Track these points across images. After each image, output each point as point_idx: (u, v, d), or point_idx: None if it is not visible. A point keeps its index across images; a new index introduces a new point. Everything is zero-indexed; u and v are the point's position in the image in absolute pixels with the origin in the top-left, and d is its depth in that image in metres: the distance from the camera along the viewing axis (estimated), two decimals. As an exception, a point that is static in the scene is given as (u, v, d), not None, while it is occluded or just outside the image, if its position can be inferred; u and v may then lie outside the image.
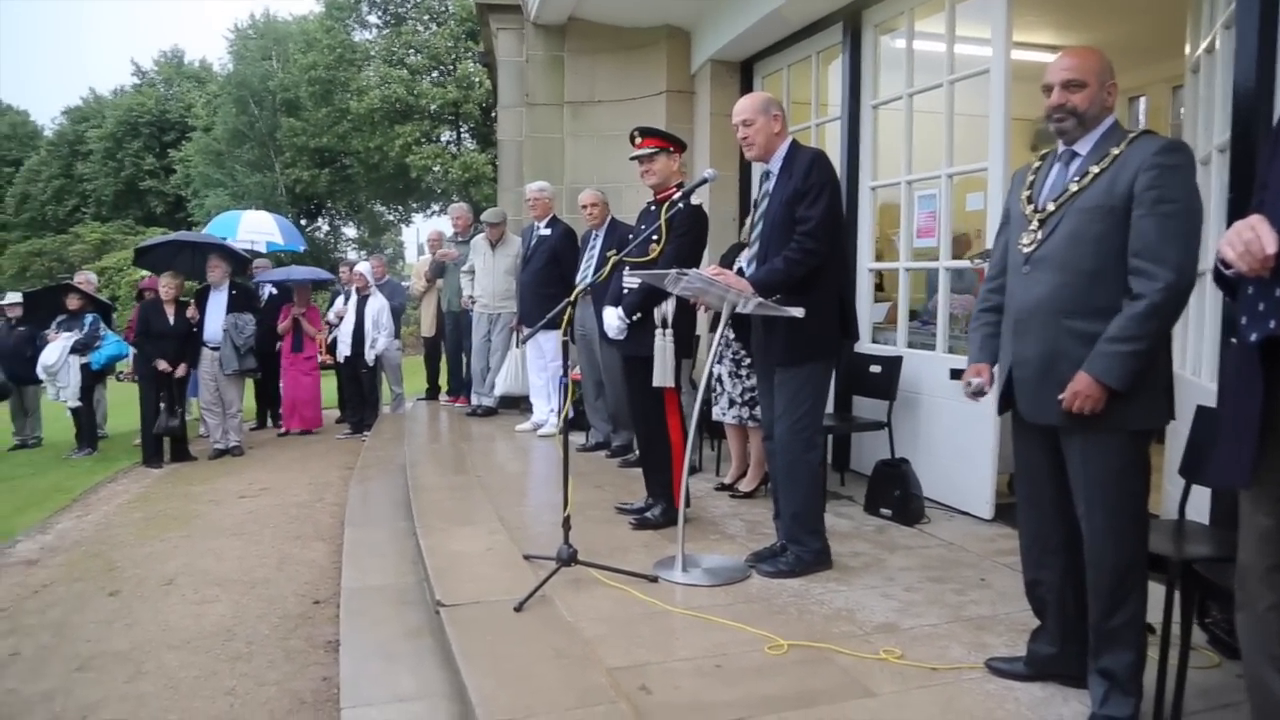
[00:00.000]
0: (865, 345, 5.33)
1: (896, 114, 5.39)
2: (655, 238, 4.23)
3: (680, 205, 4.19)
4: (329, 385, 10.16)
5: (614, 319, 4.38)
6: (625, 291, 4.40)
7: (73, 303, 9.12)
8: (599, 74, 8.02)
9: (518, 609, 3.30)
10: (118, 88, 42.91)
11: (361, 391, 9.36)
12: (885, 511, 4.58)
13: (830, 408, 4.93)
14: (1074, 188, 2.44)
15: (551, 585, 3.48)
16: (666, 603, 3.39)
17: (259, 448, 8.93)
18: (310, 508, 6.45)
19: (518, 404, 7.80)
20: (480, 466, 6.12)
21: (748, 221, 4.41)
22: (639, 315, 4.30)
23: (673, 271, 3.61)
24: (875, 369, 5.08)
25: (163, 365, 8.04)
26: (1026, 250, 2.51)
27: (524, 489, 5.78)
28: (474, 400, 8.19)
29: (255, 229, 10.78)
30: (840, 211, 3.75)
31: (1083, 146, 2.49)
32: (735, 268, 4.53)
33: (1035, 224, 2.51)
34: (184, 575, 5.04)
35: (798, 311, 3.38)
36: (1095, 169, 2.41)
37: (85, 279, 10.16)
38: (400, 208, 31.80)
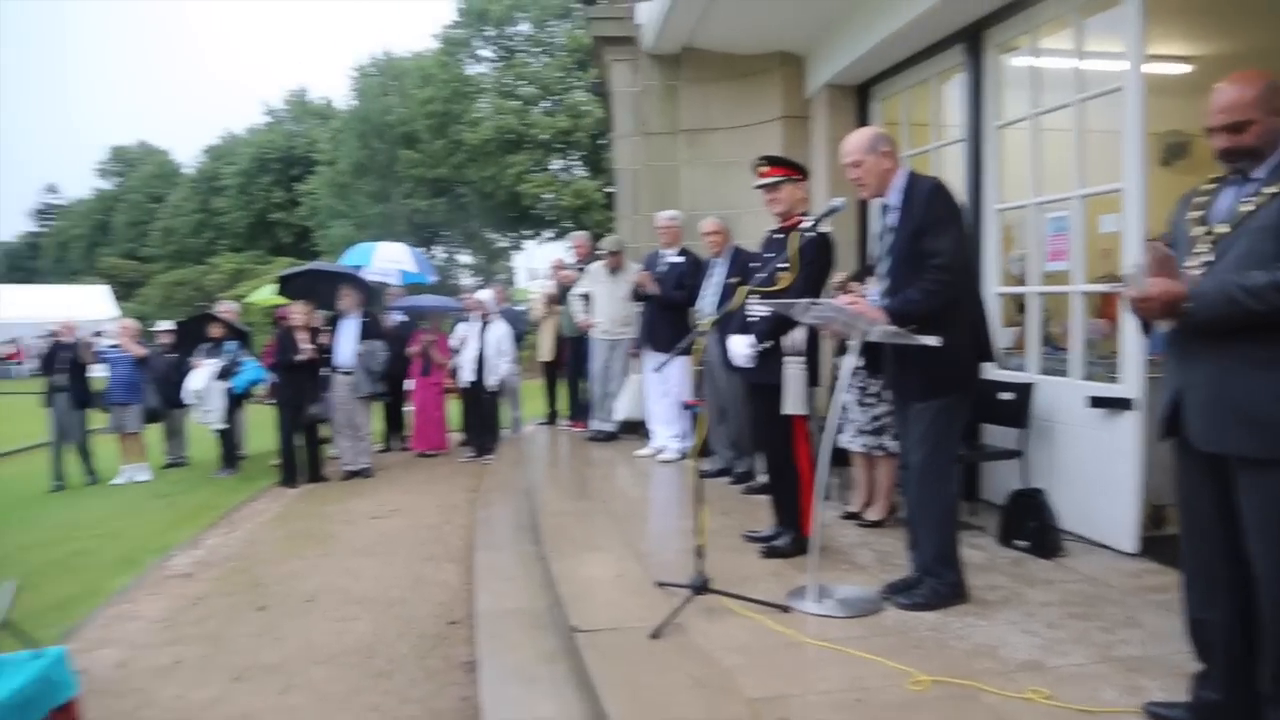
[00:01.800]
0: (994, 372, 5.22)
1: (1022, 134, 5.29)
2: (784, 266, 4.25)
3: (809, 234, 4.20)
4: (453, 409, 10.50)
5: (743, 347, 4.41)
6: (751, 320, 4.43)
7: (215, 331, 9.69)
8: (713, 102, 8.10)
9: (653, 636, 3.36)
10: (250, 126, 45.41)
11: (484, 416, 9.62)
12: (1021, 543, 4.46)
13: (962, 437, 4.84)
14: (1250, 208, 2.36)
15: (685, 613, 3.53)
16: (801, 633, 3.39)
17: (387, 470, 9.27)
18: (439, 529, 6.67)
19: (637, 429, 7.90)
20: (603, 492, 6.22)
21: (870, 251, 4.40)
22: (769, 343, 4.33)
23: (804, 301, 3.63)
24: (1006, 396, 4.97)
25: (302, 352, 8.47)
26: (1197, 273, 2.42)
27: (648, 515, 5.86)
28: (593, 425, 8.33)
29: (389, 258, 11.22)
30: (966, 240, 3.72)
31: (1259, 172, 2.41)
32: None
33: (1206, 246, 2.43)
34: (324, 593, 5.29)
35: (934, 340, 3.36)
36: (1272, 190, 2.33)
37: (228, 308, 10.78)
38: (513, 235, 32.56)
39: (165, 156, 58.62)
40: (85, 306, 26.17)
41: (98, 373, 10.27)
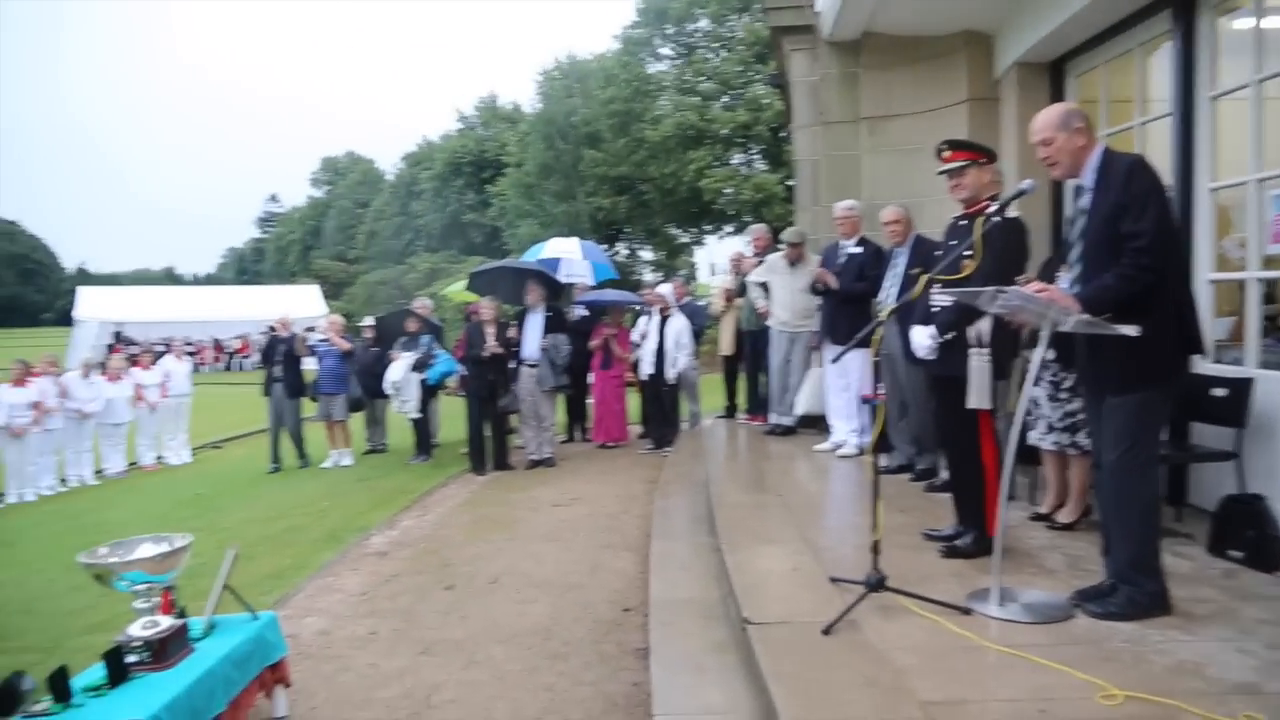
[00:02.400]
0: (1205, 366, 4.80)
1: (1240, 105, 4.81)
2: (969, 253, 4.05)
3: (996, 219, 4.00)
4: (633, 402, 10.69)
5: (924, 338, 4.25)
6: (935, 310, 4.27)
7: (412, 325, 10.27)
8: (895, 87, 7.85)
9: (826, 632, 3.30)
10: (445, 133, 47.89)
11: (663, 409, 9.73)
12: (1235, 553, 4.08)
13: (1163, 435, 4.47)
14: None
15: (859, 610, 3.44)
16: (981, 637, 3.24)
17: (569, 460, 9.55)
18: (618, 518, 6.81)
19: (815, 424, 7.77)
20: (780, 485, 6.16)
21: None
22: (952, 334, 4.15)
23: (989, 289, 3.45)
24: (1219, 392, 4.55)
25: (487, 350, 8.86)
26: None
27: (825, 510, 5.76)
28: (772, 419, 8.26)
29: (560, 250, 11.57)
30: (1171, 220, 3.42)
31: None
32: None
33: None
34: (507, 575, 5.51)
35: (1132, 330, 3.12)
36: None
37: (423, 304, 11.40)
38: (694, 230, 32.75)
39: (370, 165, 62.82)
40: (299, 305, 28.39)
41: (309, 365, 11.10)
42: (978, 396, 3.97)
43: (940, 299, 4.22)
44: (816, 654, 3.17)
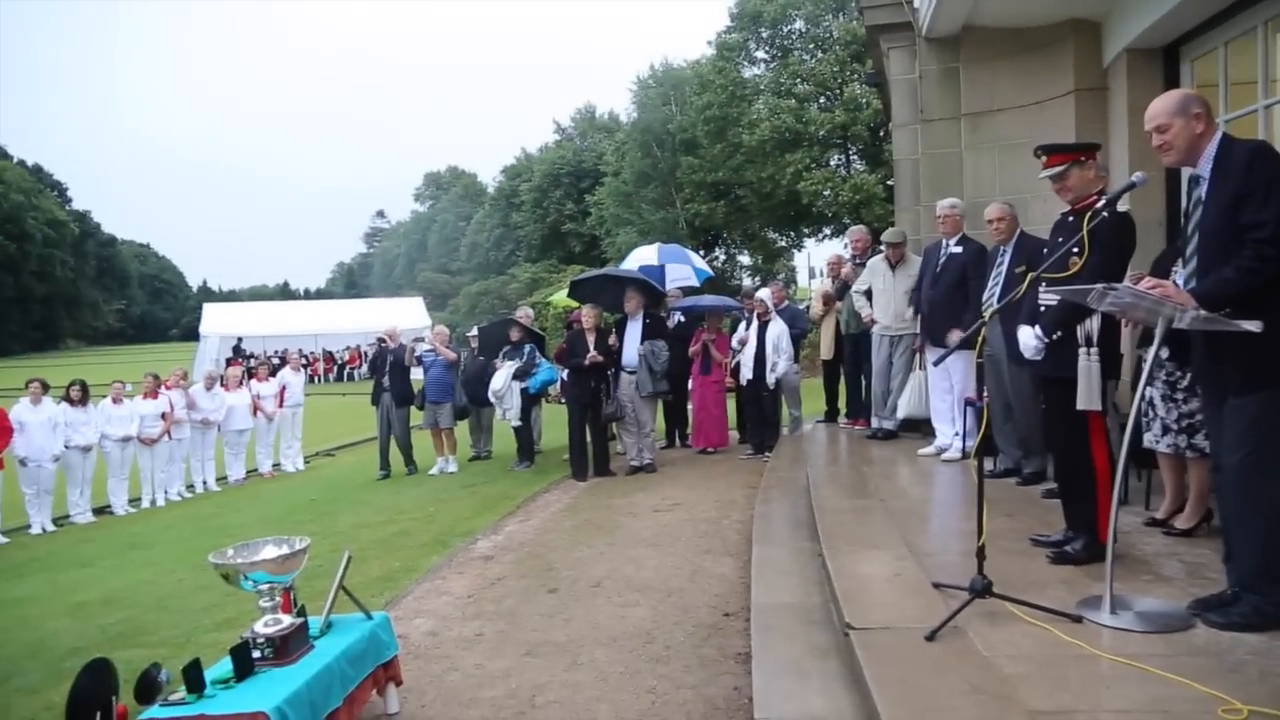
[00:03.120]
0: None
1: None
2: (1076, 250, 3.91)
3: (1104, 214, 3.86)
4: (732, 407, 10.67)
5: (1031, 338, 4.14)
6: (1042, 309, 4.15)
7: (514, 334, 10.47)
8: (998, 81, 7.65)
9: (929, 638, 3.24)
10: (543, 145, 48.83)
11: (763, 413, 9.68)
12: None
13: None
14: None
15: (964, 616, 3.36)
16: (1093, 646, 3.13)
17: (669, 465, 9.58)
18: (718, 524, 6.80)
19: (918, 427, 7.62)
20: (883, 490, 6.07)
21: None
22: (1059, 334, 4.03)
23: (1098, 286, 3.34)
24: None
25: (588, 359, 8.97)
26: None
27: (929, 515, 5.65)
28: (874, 423, 8.14)
29: (639, 260, 11.71)
30: None
31: None
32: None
33: None
34: (609, 579, 5.57)
35: (1255, 325, 2.97)
36: None
37: (525, 314, 11.62)
38: (792, 233, 32.51)
39: (471, 179, 64.42)
40: (405, 316, 29.27)
41: (416, 375, 11.43)
42: (1087, 397, 3.85)
43: (1048, 298, 4.10)
44: (920, 660, 3.11)
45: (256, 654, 3.34)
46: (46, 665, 5.06)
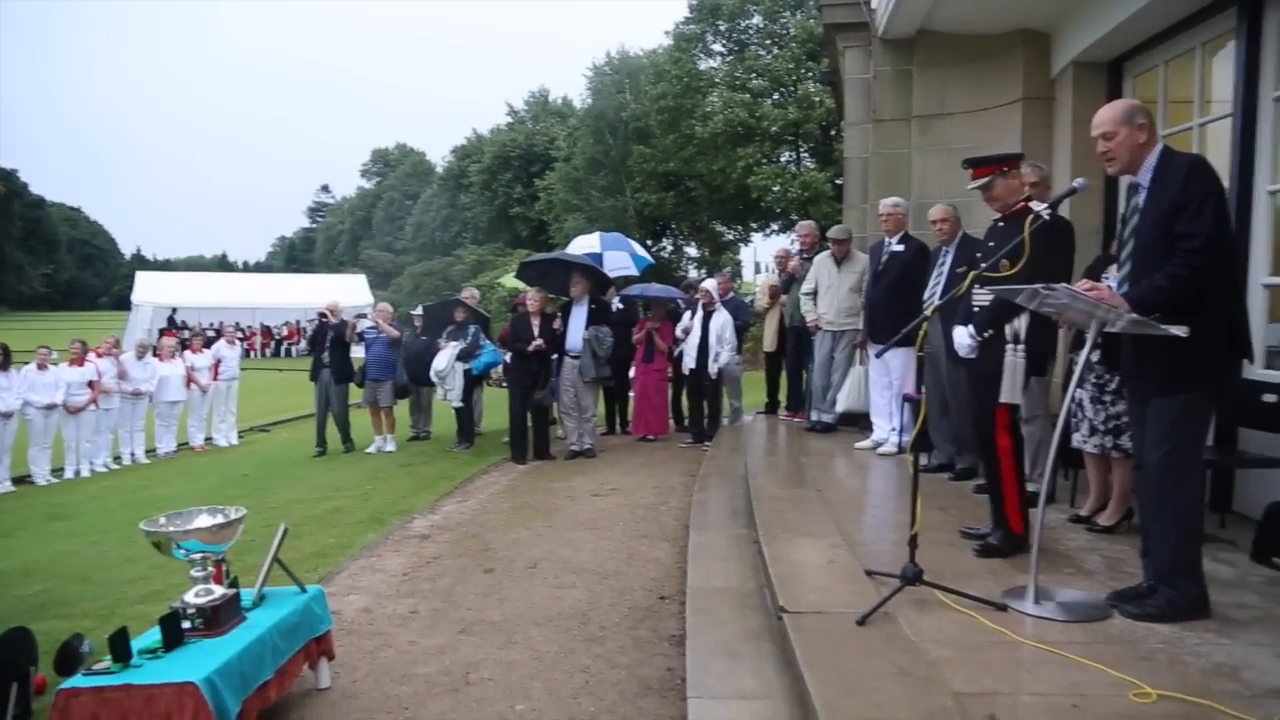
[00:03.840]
0: (1256, 371, 4.72)
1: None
2: (1014, 253, 4.03)
3: (1045, 217, 3.98)
4: (674, 395, 10.75)
5: (965, 337, 4.27)
6: (975, 309, 4.27)
7: (459, 315, 10.39)
8: (949, 85, 7.79)
9: (860, 622, 3.32)
10: (494, 127, 48.33)
11: (704, 403, 9.76)
12: (1279, 561, 4.03)
13: (1210, 439, 4.42)
14: None
15: (894, 603, 3.46)
16: (1016, 633, 3.24)
17: (609, 451, 9.62)
18: (655, 510, 6.86)
19: (856, 422, 7.76)
20: (820, 481, 6.17)
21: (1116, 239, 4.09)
22: (990, 332, 4.15)
23: (1035, 286, 3.44)
24: (1270, 398, 4.48)
25: (532, 346, 8.95)
26: None
27: (864, 505, 5.76)
28: (813, 416, 8.26)
29: (583, 246, 11.73)
30: (1228, 223, 3.38)
31: None
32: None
33: None
34: (546, 561, 5.59)
35: (1181, 330, 3.09)
36: None
37: (470, 294, 11.53)
38: (740, 227, 32.69)
39: (420, 157, 63.47)
40: (347, 293, 28.82)
41: (357, 352, 11.29)
42: (1010, 391, 3.98)
43: (982, 298, 4.21)
44: (851, 643, 3.19)
45: (187, 624, 3.29)
46: (-41, 635, 4.91)
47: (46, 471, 10.68)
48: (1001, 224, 4.34)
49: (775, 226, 29.81)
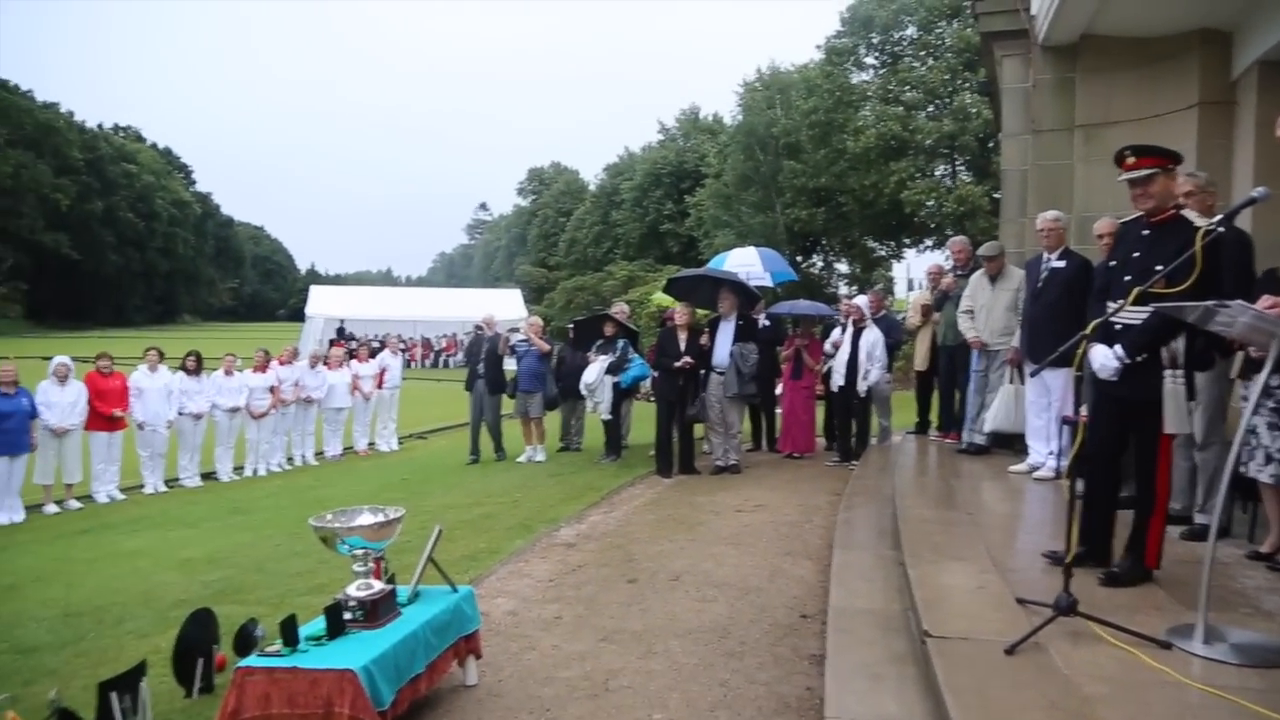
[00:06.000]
0: None
1: None
2: (1189, 267, 3.75)
3: (1220, 230, 3.71)
4: (821, 413, 10.59)
5: (1110, 359, 3.97)
6: (1118, 328, 4.00)
7: (608, 329, 10.58)
8: (1116, 92, 7.41)
9: (1009, 651, 3.19)
10: (646, 144, 49.04)
11: (852, 421, 9.58)
12: None
13: None
14: None
15: (1046, 633, 3.30)
16: (1181, 674, 3.03)
17: (754, 468, 9.57)
18: (800, 527, 6.78)
19: (1011, 444, 7.44)
20: (970, 504, 5.96)
21: None
22: (1144, 356, 3.89)
23: (1206, 304, 3.23)
24: None
25: (680, 362, 8.99)
26: None
27: (1016, 531, 5.53)
28: (965, 437, 7.98)
29: (740, 263, 11.62)
30: None
31: None
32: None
33: None
34: (688, 574, 5.61)
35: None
36: None
37: (620, 309, 11.74)
38: (892, 243, 31.98)
39: (574, 175, 65.05)
40: (502, 307, 29.78)
41: (510, 364, 11.66)
42: (1176, 421, 3.73)
43: (1128, 317, 3.94)
44: (997, 672, 3.07)
45: (348, 615, 3.50)
46: (155, 613, 5.39)
47: (229, 469, 11.54)
48: (1148, 231, 4.07)
49: (929, 242, 29.01)
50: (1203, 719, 2.76)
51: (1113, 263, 4.27)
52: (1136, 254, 4.05)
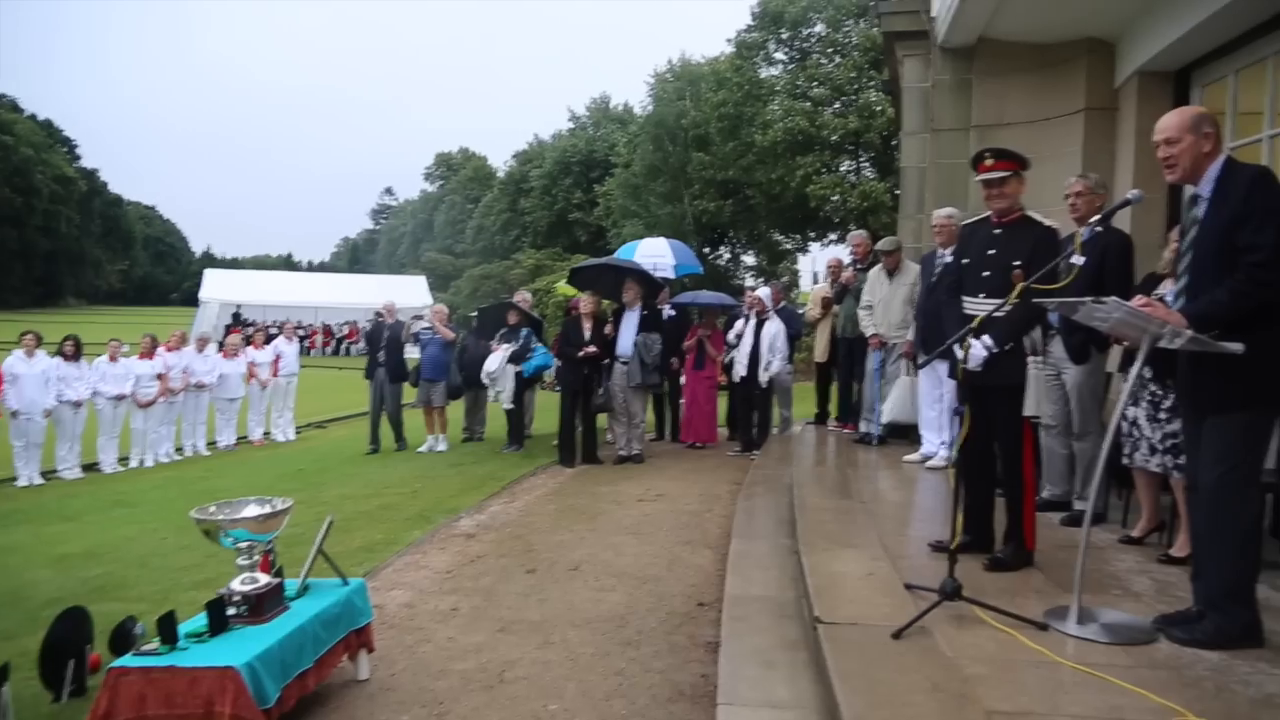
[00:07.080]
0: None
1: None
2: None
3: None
4: (722, 403, 10.70)
5: (980, 349, 4.09)
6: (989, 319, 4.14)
7: (512, 318, 10.49)
8: (1009, 95, 7.67)
9: (895, 636, 3.27)
10: (556, 132, 48.70)
11: (753, 412, 9.71)
12: (1342, 589, 3.87)
13: (1271, 462, 4.26)
14: None
15: (932, 617, 3.40)
16: (1056, 653, 3.16)
17: (656, 457, 9.62)
18: (700, 517, 6.84)
19: (907, 434, 7.65)
20: (865, 493, 6.11)
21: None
22: (1009, 345, 4.09)
23: (1088, 300, 3.36)
24: (1337, 420, 4.32)
25: (584, 351, 9.00)
26: None
27: (908, 519, 5.68)
28: (862, 427, 8.17)
29: (650, 253, 11.63)
30: None
31: None
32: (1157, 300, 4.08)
33: None
34: (588, 564, 5.61)
35: (1237, 347, 3.01)
36: None
37: (523, 298, 11.64)
38: (798, 236, 32.50)
39: (482, 161, 64.14)
40: (407, 295, 29.26)
41: (412, 352, 11.45)
42: (1035, 404, 3.91)
43: (982, 308, 4.10)
44: (885, 656, 3.14)
45: (231, 611, 3.38)
46: (24, 613, 5.08)
47: (113, 459, 11.03)
48: (999, 230, 4.28)
49: (833, 236, 29.58)
50: (1074, 695, 2.87)
51: (965, 260, 4.46)
52: (991, 251, 4.25)
